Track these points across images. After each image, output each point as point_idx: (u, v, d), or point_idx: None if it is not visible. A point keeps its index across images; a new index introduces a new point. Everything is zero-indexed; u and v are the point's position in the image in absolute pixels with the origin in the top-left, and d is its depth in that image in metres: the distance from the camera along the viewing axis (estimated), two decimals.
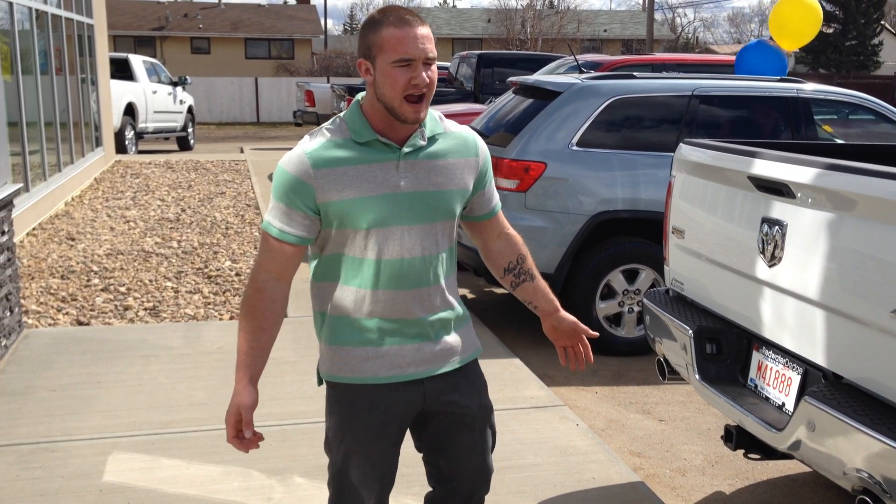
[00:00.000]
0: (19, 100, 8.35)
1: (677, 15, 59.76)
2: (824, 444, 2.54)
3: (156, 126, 17.59)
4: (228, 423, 2.11)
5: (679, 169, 3.63)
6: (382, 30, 1.98)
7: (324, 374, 2.20)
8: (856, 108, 5.87)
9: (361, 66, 2.04)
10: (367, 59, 2.02)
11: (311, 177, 2.01)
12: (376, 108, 2.04)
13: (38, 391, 4.37)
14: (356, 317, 2.12)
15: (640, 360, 5.43)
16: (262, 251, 2.11)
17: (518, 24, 37.62)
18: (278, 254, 2.08)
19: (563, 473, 3.60)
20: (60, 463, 3.59)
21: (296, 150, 2.07)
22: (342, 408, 2.16)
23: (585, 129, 5.40)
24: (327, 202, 2.03)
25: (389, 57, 1.97)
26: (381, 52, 1.98)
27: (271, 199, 2.11)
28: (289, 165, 2.05)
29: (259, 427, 3.90)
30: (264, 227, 2.10)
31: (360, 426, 2.14)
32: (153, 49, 36.12)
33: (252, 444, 2.12)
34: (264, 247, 2.10)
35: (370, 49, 2.00)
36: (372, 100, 2.05)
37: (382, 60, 1.98)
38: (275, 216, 2.07)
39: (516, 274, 2.37)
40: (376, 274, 2.07)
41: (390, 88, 1.98)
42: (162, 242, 7.95)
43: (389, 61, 1.97)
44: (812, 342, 2.73)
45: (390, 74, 1.97)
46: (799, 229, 2.78)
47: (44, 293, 6.24)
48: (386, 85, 1.98)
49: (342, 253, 2.09)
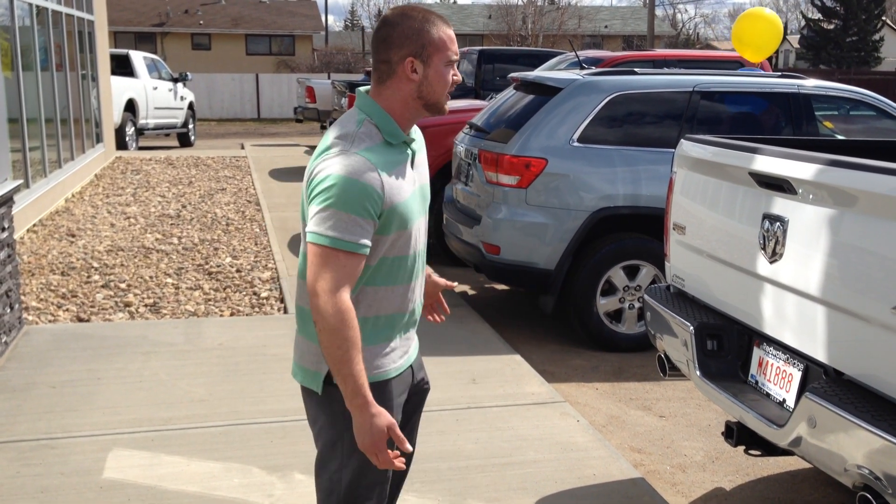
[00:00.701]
0: (20, 96, 8.34)
1: (678, 11, 59.68)
2: (825, 441, 2.54)
3: (156, 122, 17.58)
4: (381, 448, 1.98)
5: (680, 165, 3.62)
6: (438, 30, 2.04)
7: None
8: (857, 104, 5.86)
9: (410, 64, 2.03)
10: (417, 58, 2.03)
11: (382, 184, 1.99)
12: (410, 106, 2.07)
13: (38, 388, 4.36)
14: (380, 314, 2.13)
15: (640, 357, 5.43)
16: (334, 269, 1.95)
17: (519, 20, 37.56)
18: (355, 268, 1.98)
19: (563, 470, 3.60)
20: (60, 460, 3.59)
21: (353, 157, 1.97)
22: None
23: (586, 126, 5.39)
24: (393, 206, 2.02)
25: (445, 57, 2.05)
26: (437, 51, 2.04)
27: (333, 211, 1.95)
28: (358, 174, 1.95)
29: (260, 423, 3.93)
30: (328, 242, 1.94)
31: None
32: (154, 45, 36.09)
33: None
34: (337, 264, 1.95)
35: (424, 48, 2.03)
36: (408, 98, 2.06)
37: (439, 60, 2.04)
38: (346, 230, 1.94)
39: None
40: (402, 270, 2.13)
41: (442, 86, 2.07)
42: (162, 239, 7.95)
43: (445, 61, 2.05)
44: (813, 338, 2.72)
45: (443, 73, 2.06)
46: (800, 225, 2.77)
47: (44, 289, 6.23)
48: (439, 83, 2.06)
49: (384, 256, 2.08)
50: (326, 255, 1.95)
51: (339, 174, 1.95)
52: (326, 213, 1.95)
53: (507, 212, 5.40)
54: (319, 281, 1.95)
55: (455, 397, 4.34)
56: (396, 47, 2.03)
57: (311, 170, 2.05)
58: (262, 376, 4.48)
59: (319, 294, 1.95)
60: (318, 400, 2.15)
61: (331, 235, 1.95)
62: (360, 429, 1.98)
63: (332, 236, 1.95)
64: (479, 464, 3.62)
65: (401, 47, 2.03)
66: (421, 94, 2.06)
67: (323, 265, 1.95)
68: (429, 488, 3.41)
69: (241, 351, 4.93)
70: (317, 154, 2.06)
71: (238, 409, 4.12)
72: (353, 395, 1.96)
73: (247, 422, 3.97)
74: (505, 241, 5.42)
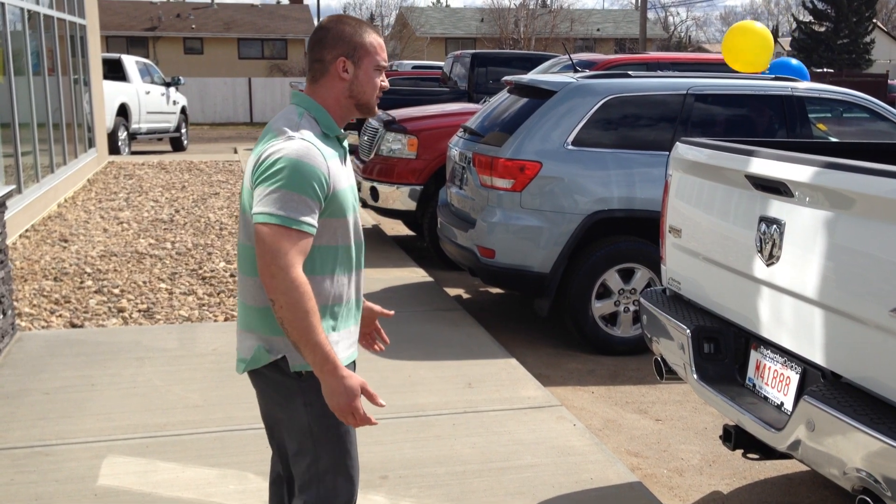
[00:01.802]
0: (11, 101, 8.31)
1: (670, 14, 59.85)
2: (824, 444, 2.54)
3: (149, 127, 17.54)
4: (355, 407, 2.04)
5: (676, 168, 3.62)
6: (369, 36, 2.18)
7: (302, 364, 2.13)
8: (850, 107, 5.88)
9: (340, 64, 2.16)
10: (349, 59, 2.17)
11: (327, 168, 2.10)
12: (343, 104, 2.20)
13: (31, 394, 4.34)
14: (327, 304, 2.18)
15: (636, 360, 5.42)
16: (287, 245, 2.00)
17: (511, 23, 37.60)
18: (305, 248, 2.04)
19: (560, 474, 3.59)
20: (55, 467, 3.57)
21: (299, 142, 2.07)
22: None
23: (581, 129, 5.39)
24: (335, 192, 2.12)
25: (374, 61, 2.19)
26: (367, 55, 2.18)
27: (284, 192, 2.01)
28: (305, 156, 2.05)
29: (255, 429, 3.91)
30: (282, 221, 2.00)
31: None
32: (146, 49, 36.01)
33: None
34: (290, 242, 2.00)
35: (356, 51, 2.17)
36: (340, 96, 2.19)
37: (368, 63, 2.18)
38: (296, 209, 2.01)
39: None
40: (343, 260, 2.20)
41: (371, 88, 2.20)
42: (156, 244, 7.92)
43: (374, 65, 2.19)
44: (811, 341, 2.72)
45: (372, 77, 2.20)
46: (797, 228, 2.77)
47: (37, 295, 6.20)
48: (368, 85, 2.19)
49: (317, 244, 2.13)
50: (279, 233, 2.01)
51: (288, 157, 2.04)
52: (277, 194, 2.02)
53: (502, 215, 5.40)
54: (274, 260, 1.99)
55: (451, 402, 4.33)
56: (330, 48, 2.16)
57: (257, 156, 2.11)
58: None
59: (276, 273, 1.99)
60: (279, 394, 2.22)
61: (282, 214, 2.01)
62: (334, 392, 2.04)
63: (284, 215, 2.01)
64: (476, 468, 3.61)
65: (334, 48, 2.16)
66: (352, 93, 2.19)
67: (276, 244, 2.00)
68: (426, 493, 3.39)
69: (235, 356, 4.89)
70: (260, 143, 2.14)
71: (233, 414, 4.10)
72: (324, 362, 2.02)
73: (242, 427, 3.95)
74: (500, 245, 5.41)
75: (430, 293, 6.46)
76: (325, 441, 2.19)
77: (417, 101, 9.95)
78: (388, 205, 7.66)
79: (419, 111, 8.33)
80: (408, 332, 5.38)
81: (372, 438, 3.79)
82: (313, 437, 2.19)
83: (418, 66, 21.89)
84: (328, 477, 2.21)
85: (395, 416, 4.10)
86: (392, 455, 3.69)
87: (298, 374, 2.16)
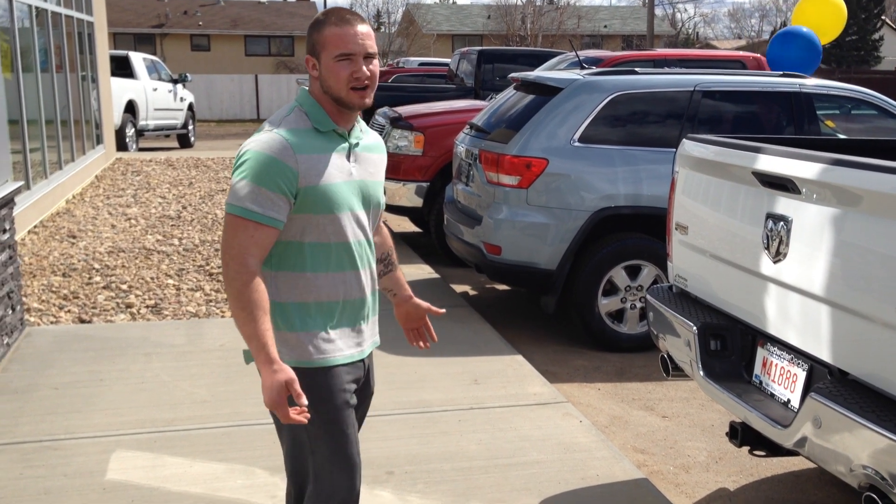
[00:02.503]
0: (20, 98, 8.34)
1: (677, 10, 59.64)
2: (830, 441, 2.54)
3: (156, 123, 17.58)
4: (281, 403, 2.04)
5: (682, 165, 3.62)
6: (325, 29, 2.16)
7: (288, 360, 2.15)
8: (858, 104, 5.86)
9: (308, 62, 2.20)
10: (312, 56, 2.19)
11: (296, 162, 2.10)
12: (325, 99, 2.20)
13: (40, 389, 4.36)
14: (319, 300, 2.20)
15: (642, 357, 5.42)
16: (242, 236, 2.06)
17: (518, 20, 37.55)
18: (264, 238, 2.09)
19: (566, 470, 3.60)
20: (63, 461, 3.59)
21: (268, 135, 2.12)
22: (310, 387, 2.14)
23: (587, 125, 5.39)
24: (311, 187, 2.13)
25: (331, 53, 2.15)
26: (324, 49, 2.16)
27: (245, 183, 2.08)
28: (270, 150, 2.09)
29: (262, 424, 3.93)
30: (239, 212, 2.07)
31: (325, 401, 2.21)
32: (153, 46, 36.07)
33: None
34: (245, 233, 2.06)
35: (315, 46, 2.18)
36: (319, 93, 2.21)
37: (326, 55, 2.16)
38: (256, 201, 2.06)
39: (386, 264, 2.53)
40: (337, 257, 2.21)
41: (335, 81, 2.16)
42: (163, 240, 7.94)
43: (332, 56, 2.15)
44: (818, 338, 2.71)
45: (333, 69, 2.15)
46: (804, 225, 2.76)
47: (45, 291, 6.23)
48: (330, 79, 2.16)
49: (307, 241, 2.17)
50: (236, 223, 2.08)
51: (254, 150, 2.10)
52: (240, 185, 2.08)
53: (508, 212, 5.40)
54: (228, 248, 2.08)
55: (457, 398, 4.34)
56: (306, 47, 2.23)
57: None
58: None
59: (227, 262, 2.07)
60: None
61: (240, 206, 2.07)
62: (264, 386, 2.05)
63: (242, 206, 2.07)
64: (482, 465, 3.62)
65: (305, 49, 2.23)
66: (325, 88, 2.18)
67: (232, 234, 2.08)
68: (432, 489, 3.40)
69: (242, 352, 4.91)
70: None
71: (240, 409, 4.12)
72: (257, 352, 2.06)
73: (249, 423, 3.97)
74: (506, 242, 5.41)
75: (437, 290, 6.47)
76: (318, 434, 2.19)
77: (424, 98, 9.95)
78: (395, 201, 7.66)
79: (425, 108, 8.34)
80: None
81: (378, 434, 3.80)
82: (307, 430, 2.19)
83: (425, 63, 21.87)
84: (325, 470, 2.22)
85: (401, 413, 4.11)
86: (398, 451, 3.70)
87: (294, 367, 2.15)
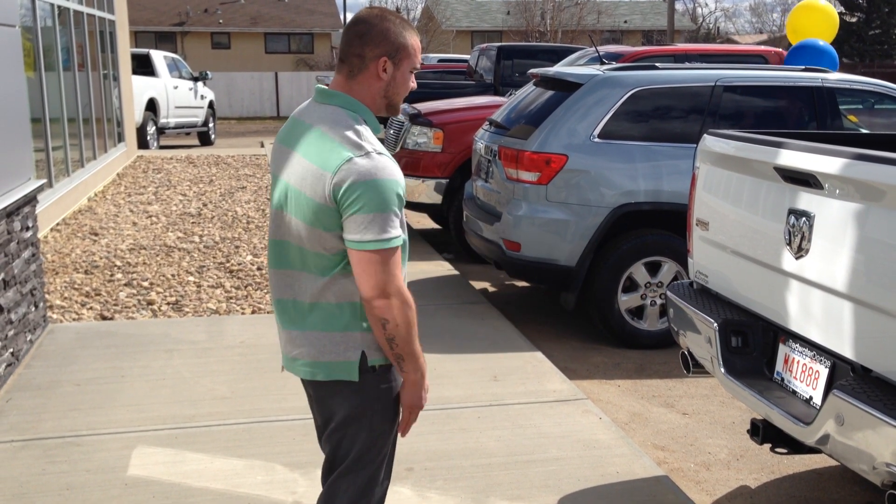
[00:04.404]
0: (42, 96, 8.41)
1: (698, 5, 59.27)
2: (853, 439, 2.51)
3: (177, 121, 17.68)
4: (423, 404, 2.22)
5: (703, 160, 3.59)
6: (410, 37, 2.15)
7: (377, 358, 2.15)
8: (881, 98, 5.79)
9: (383, 63, 2.11)
10: (391, 59, 2.12)
11: (402, 176, 2.10)
12: (377, 102, 2.16)
13: (63, 385, 4.40)
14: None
15: (662, 354, 5.39)
16: (393, 268, 2.04)
17: (538, 15, 37.45)
18: (400, 259, 2.09)
19: (586, 467, 3.58)
20: (86, 457, 3.62)
21: (378, 158, 2.03)
22: (392, 390, 2.21)
23: (607, 121, 5.36)
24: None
25: (412, 63, 2.16)
26: (407, 57, 2.14)
27: (379, 215, 2.01)
28: (394, 175, 2.04)
29: (282, 421, 3.95)
30: (389, 244, 2.03)
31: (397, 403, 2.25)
32: (174, 44, 36.29)
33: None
34: (394, 263, 2.04)
35: (398, 52, 2.13)
36: (376, 95, 2.15)
37: (407, 65, 2.15)
38: (392, 227, 2.03)
39: None
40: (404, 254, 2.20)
41: (404, 90, 2.17)
42: (184, 237, 7.99)
43: (411, 67, 2.16)
44: (840, 335, 2.69)
45: (406, 79, 2.17)
46: (827, 220, 2.73)
47: (68, 288, 6.28)
48: (402, 86, 2.17)
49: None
50: (385, 258, 2.03)
51: (377, 178, 2.00)
52: (378, 218, 2.01)
53: (528, 208, 5.38)
54: (387, 283, 2.04)
55: (477, 395, 4.33)
56: (373, 45, 2.11)
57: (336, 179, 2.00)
58: (284, 374, 4.48)
59: (393, 295, 2.05)
60: (350, 390, 2.17)
61: (385, 238, 2.02)
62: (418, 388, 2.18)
63: (387, 238, 2.02)
64: (501, 461, 3.61)
65: (377, 45, 2.11)
66: (387, 93, 2.16)
67: (384, 267, 2.03)
68: (452, 486, 3.40)
69: (262, 349, 4.94)
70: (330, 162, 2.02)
71: (260, 406, 4.14)
72: (421, 366, 2.16)
73: (269, 419, 3.99)
74: (525, 238, 5.40)
75: (456, 286, 6.46)
76: (381, 436, 2.22)
77: (443, 95, 9.94)
78: (414, 198, 7.67)
79: (445, 104, 8.33)
80: (433, 326, 5.39)
81: None
82: (373, 431, 2.20)
83: (444, 60, 21.86)
84: (374, 467, 2.24)
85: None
86: (418, 447, 3.70)
87: (373, 368, 2.16)
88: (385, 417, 2.21)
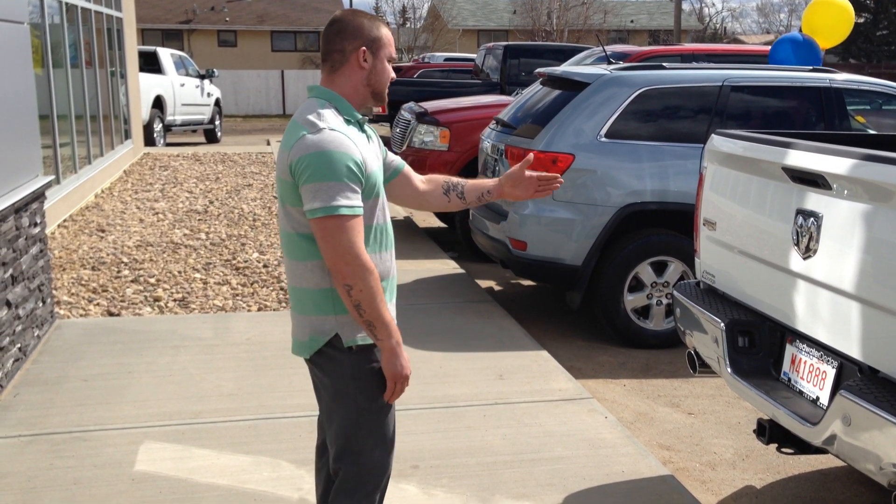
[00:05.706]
0: (50, 93, 8.43)
1: (705, 5, 59.15)
2: (860, 439, 2.51)
3: (183, 119, 17.71)
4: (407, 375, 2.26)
5: (710, 160, 3.59)
6: (382, 29, 2.31)
7: (352, 339, 2.26)
8: (889, 99, 5.78)
9: (361, 54, 2.26)
10: (368, 49, 2.27)
11: (360, 153, 2.19)
12: (360, 92, 2.30)
13: (70, 381, 4.42)
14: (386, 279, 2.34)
15: (668, 353, 5.39)
16: (348, 235, 2.12)
17: (544, 14, 37.43)
18: (360, 227, 2.16)
19: (591, 466, 3.59)
20: (93, 452, 3.64)
21: (329, 133, 2.15)
22: (374, 369, 2.27)
23: (614, 121, 5.36)
24: (369, 174, 2.23)
25: (389, 53, 2.31)
26: (383, 47, 2.29)
27: (329, 184, 2.11)
28: (339, 146, 2.14)
29: (288, 417, 3.96)
30: (338, 211, 2.11)
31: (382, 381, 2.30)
32: (180, 42, 36.35)
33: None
34: (348, 229, 2.12)
35: (373, 42, 2.28)
36: (359, 85, 2.29)
37: (384, 54, 2.30)
38: (344, 195, 2.12)
39: (453, 185, 2.63)
40: (384, 237, 2.32)
41: (386, 78, 2.32)
42: (190, 234, 8.01)
43: (387, 56, 2.31)
44: (847, 335, 2.69)
45: (386, 67, 2.31)
46: (835, 221, 2.73)
47: (75, 284, 6.30)
48: (383, 74, 2.31)
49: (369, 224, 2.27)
50: (338, 224, 2.12)
51: (322, 150, 2.13)
52: (323, 187, 2.12)
53: (534, 207, 5.39)
54: (346, 251, 2.13)
55: (482, 393, 4.34)
56: (350, 38, 2.26)
57: (288, 149, 2.18)
58: (290, 371, 4.49)
59: (348, 261, 2.13)
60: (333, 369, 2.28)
61: (334, 205, 2.12)
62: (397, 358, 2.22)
63: (336, 205, 2.12)
64: (506, 459, 3.62)
65: (354, 38, 2.26)
66: (369, 81, 2.29)
67: (339, 235, 2.13)
68: (457, 483, 3.41)
69: (268, 345, 4.95)
70: (289, 142, 2.19)
71: (267, 403, 4.15)
72: (392, 335, 2.20)
73: (275, 416, 4.00)
74: (531, 237, 5.41)
75: (462, 285, 6.47)
76: (369, 414, 2.28)
77: (449, 94, 9.94)
78: None
79: (451, 103, 8.33)
80: (439, 324, 5.40)
81: (403, 428, 3.80)
82: (359, 409, 2.28)
83: (450, 59, 21.86)
84: (368, 448, 2.31)
85: (427, 407, 4.12)
86: (423, 445, 3.71)
87: (349, 348, 2.26)
88: (369, 396, 2.28)
